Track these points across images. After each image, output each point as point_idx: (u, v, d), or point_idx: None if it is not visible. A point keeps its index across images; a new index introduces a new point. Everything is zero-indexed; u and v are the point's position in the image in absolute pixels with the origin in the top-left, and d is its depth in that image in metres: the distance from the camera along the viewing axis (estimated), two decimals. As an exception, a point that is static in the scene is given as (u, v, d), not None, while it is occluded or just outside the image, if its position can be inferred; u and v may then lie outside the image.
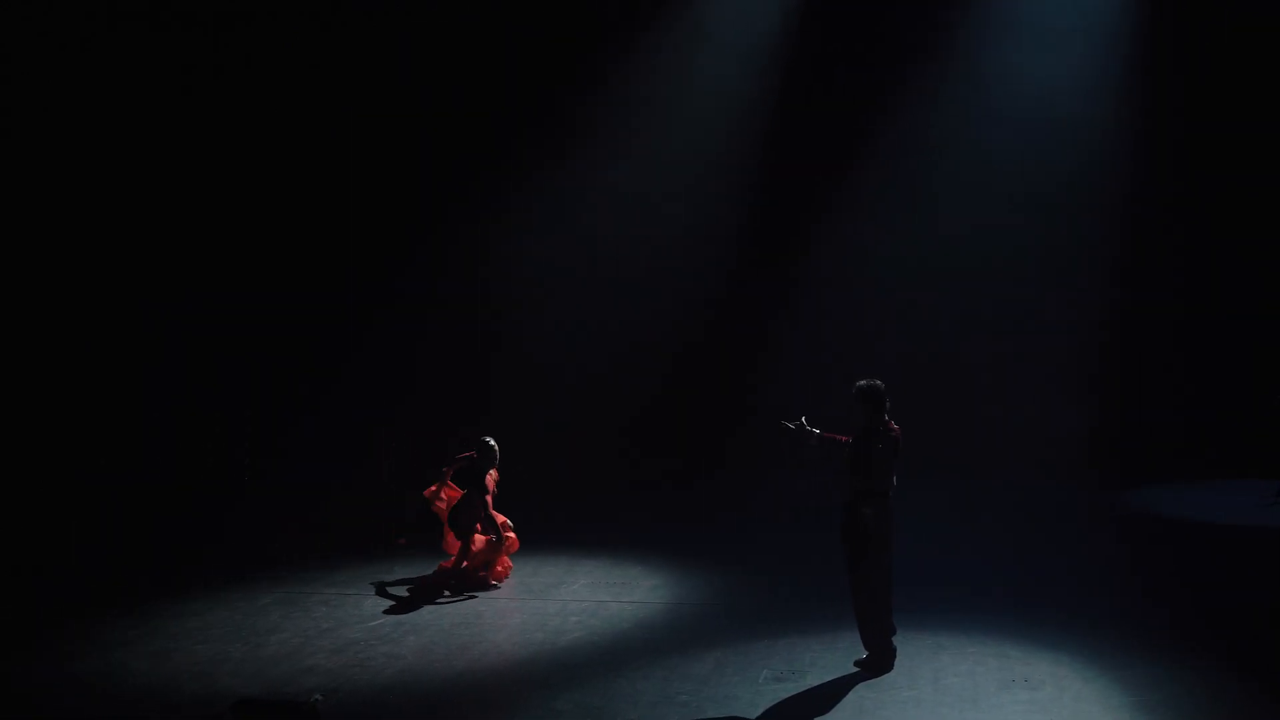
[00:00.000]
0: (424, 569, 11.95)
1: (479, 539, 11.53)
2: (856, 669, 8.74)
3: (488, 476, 11.66)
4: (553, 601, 11.03)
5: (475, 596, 11.22)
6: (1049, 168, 17.98)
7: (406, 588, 11.57)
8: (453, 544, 11.61)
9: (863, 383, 8.72)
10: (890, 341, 17.99)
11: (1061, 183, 18.05)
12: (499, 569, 11.70)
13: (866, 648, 8.82)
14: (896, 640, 8.86)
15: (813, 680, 8.59)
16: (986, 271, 18.30)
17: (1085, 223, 18.30)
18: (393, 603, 11.11)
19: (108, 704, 8.57)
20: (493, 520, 11.55)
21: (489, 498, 11.59)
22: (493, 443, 11.76)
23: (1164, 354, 18.31)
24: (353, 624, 10.41)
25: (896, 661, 8.77)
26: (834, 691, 8.36)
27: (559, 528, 14.08)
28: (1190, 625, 9.88)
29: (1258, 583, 11.51)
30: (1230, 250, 17.99)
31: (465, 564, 11.48)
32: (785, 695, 8.28)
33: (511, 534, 11.85)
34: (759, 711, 7.99)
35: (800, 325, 18.98)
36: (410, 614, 10.72)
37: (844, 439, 8.76)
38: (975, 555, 12.50)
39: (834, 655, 9.08)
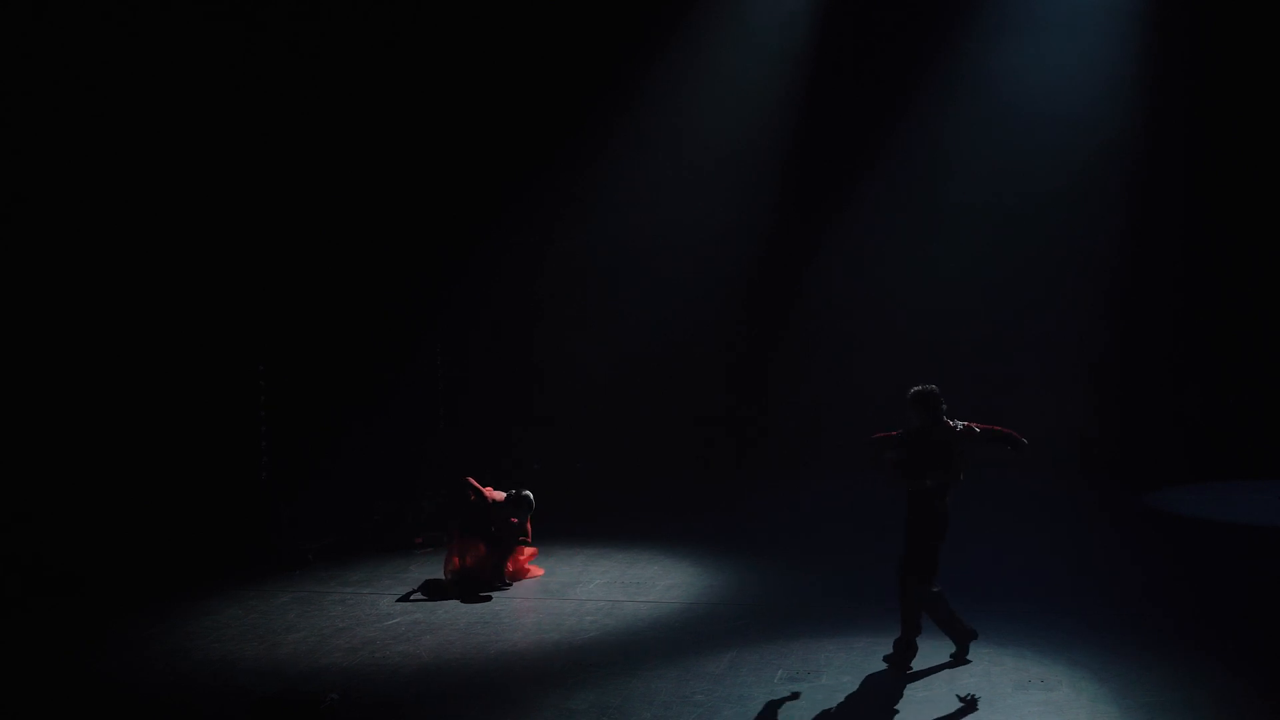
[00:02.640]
0: (440, 569, 11.98)
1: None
2: (882, 666, 8.75)
3: (513, 522, 11.84)
4: (569, 601, 11.06)
5: (490, 598, 11.29)
6: (1061, 165, 17.90)
7: (425, 586, 11.63)
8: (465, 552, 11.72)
9: (916, 388, 8.87)
10: (900, 340, 17.96)
11: (1073, 179, 17.96)
12: (510, 568, 11.77)
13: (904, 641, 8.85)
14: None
15: (827, 680, 8.58)
16: (1000, 269, 18.25)
17: (1096, 220, 18.22)
18: (409, 602, 11.15)
19: (125, 703, 8.62)
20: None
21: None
22: (529, 494, 11.91)
23: (1178, 351, 18.18)
24: (369, 623, 10.45)
25: (913, 660, 8.77)
26: (848, 691, 8.36)
27: (576, 527, 14.13)
28: (1207, 626, 9.84)
29: (1274, 582, 11.46)
30: (1245, 245, 17.86)
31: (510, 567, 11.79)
32: (800, 695, 8.29)
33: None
34: (774, 711, 7.99)
35: (816, 324, 18.97)
36: (426, 613, 10.75)
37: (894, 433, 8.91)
38: (989, 556, 12.44)
39: (849, 655, 9.08)
